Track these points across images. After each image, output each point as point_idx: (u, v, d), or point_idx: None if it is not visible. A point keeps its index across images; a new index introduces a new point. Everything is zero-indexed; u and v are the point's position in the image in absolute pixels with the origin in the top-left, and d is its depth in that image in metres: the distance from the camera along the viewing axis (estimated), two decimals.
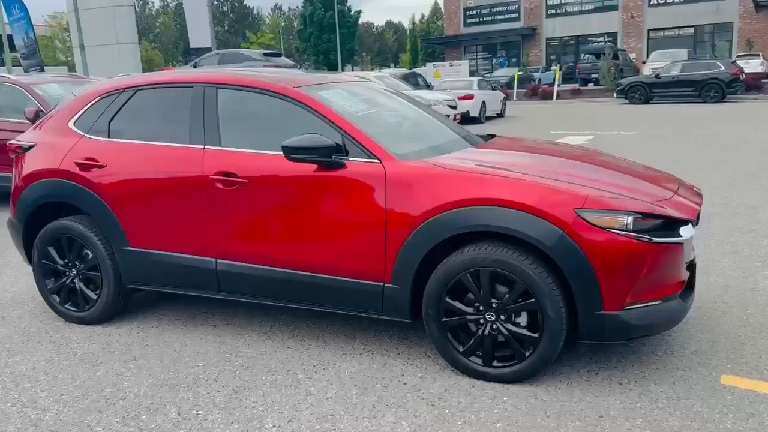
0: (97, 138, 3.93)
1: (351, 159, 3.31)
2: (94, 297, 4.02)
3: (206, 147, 3.62)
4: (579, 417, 2.82)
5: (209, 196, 3.57)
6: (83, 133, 3.98)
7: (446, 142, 3.79)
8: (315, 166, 3.34)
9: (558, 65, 34.25)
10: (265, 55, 19.67)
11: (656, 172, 3.72)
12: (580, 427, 2.74)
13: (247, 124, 3.73)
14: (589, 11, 40.41)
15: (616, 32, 39.37)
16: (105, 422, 2.93)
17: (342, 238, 3.32)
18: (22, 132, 7.30)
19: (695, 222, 3.15)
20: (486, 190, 3.04)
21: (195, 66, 19.62)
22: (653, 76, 23.74)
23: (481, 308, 3.10)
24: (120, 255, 3.87)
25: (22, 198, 4.12)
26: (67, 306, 4.11)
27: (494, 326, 3.09)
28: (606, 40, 39.05)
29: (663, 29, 38.09)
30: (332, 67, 44.24)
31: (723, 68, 22.27)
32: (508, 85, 29.03)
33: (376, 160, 3.27)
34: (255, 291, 3.61)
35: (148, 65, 33.60)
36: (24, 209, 4.12)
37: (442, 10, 54.37)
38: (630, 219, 2.90)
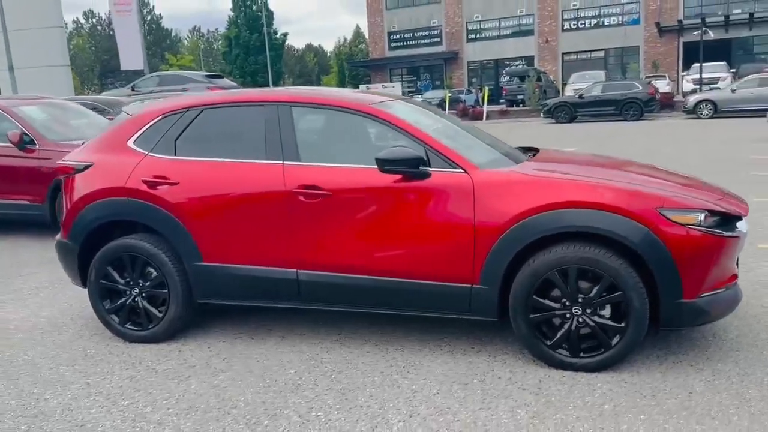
0: (163, 156, 3.96)
1: (435, 169, 3.54)
2: (159, 315, 4.02)
3: (285, 162, 3.75)
4: (671, 395, 3.14)
5: (291, 210, 3.69)
6: (146, 152, 4.00)
7: (503, 154, 4.08)
8: (398, 177, 3.55)
9: (481, 86, 35.68)
10: (208, 77, 19.48)
11: (698, 179, 4.12)
12: (677, 403, 3.06)
13: (324, 139, 3.91)
14: (506, 36, 42.46)
15: (533, 56, 41.49)
16: (231, 430, 3.00)
17: (430, 244, 3.53)
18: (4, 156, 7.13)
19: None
20: (572, 193, 3.35)
21: (133, 88, 19.17)
22: (577, 96, 25.25)
23: (567, 303, 3.39)
24: (192, 270, 3.90)
25: (80, 218, 4.06)
26: (128, 326, 4.08)
27: (580, 319, 3.38)
28: (523, 63, 41.04)
29: (576, 52, 40.51)
30: None
31: (640, 88, 24.03)
32: (440, 106, 29.92)
33: (461, 170, 3.52)
34: (339, 299, 3.75)
35: None
36: (82, 230, 4.07)
37: (365, 34, 55.37)
38: (702, 216, 3.28)
